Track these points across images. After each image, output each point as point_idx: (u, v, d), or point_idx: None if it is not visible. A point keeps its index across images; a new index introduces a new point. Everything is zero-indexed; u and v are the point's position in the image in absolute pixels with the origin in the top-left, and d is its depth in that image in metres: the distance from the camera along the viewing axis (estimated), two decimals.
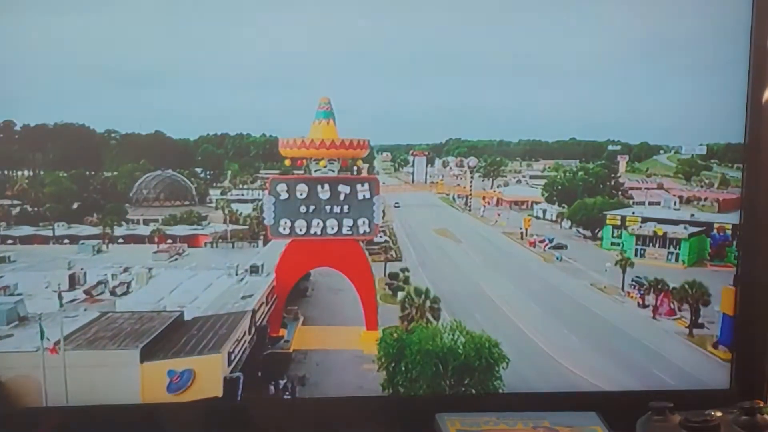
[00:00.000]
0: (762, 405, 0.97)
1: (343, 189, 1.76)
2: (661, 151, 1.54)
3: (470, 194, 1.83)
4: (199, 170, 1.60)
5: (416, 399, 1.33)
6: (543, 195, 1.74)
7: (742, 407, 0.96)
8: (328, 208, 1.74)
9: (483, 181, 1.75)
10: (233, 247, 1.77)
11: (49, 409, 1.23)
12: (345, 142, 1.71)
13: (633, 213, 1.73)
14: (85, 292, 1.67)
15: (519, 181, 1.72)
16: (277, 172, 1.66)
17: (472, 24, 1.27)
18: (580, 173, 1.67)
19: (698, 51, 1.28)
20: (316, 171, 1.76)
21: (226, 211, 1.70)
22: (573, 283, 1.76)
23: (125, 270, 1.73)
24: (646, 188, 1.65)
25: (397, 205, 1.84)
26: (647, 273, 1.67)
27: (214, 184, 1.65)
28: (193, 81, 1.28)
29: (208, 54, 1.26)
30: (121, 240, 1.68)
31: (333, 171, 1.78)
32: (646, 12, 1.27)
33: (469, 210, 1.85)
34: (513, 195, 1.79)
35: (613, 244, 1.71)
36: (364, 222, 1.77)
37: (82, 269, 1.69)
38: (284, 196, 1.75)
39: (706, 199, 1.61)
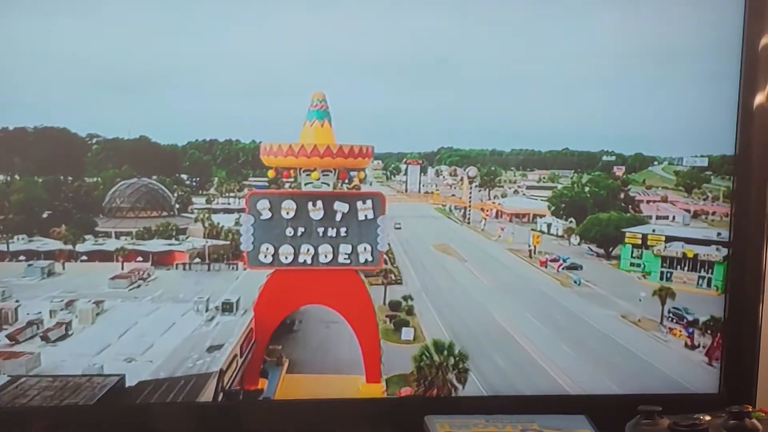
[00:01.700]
0: (750, 409, 1.06)
1: (341, 207, 1.62)
2: (655, 162, 1.61)
3: (469, 206, 1.82)
4: (184, 177, 1.58)
5: (406, 400, 1.42)
6: (549, 208, 1.73)
7: (730, 411, 1.05)
8: (320, 230, 1.60)
9: (479, 191, 1.76)
10: (209, 269, 1.64)
11: (38, 408, 1.30)
12: (344, 149, 1.58)
13: (654, 231, 1.71)
14: (9, 336, 1.49)
15: (516, 192, 1.74)
16: (266, 181, 1.59)
17: (464, 31, 1.38)
18: (589, 185, 1.67)
19: (692, 61, 1.40)
20: (306, 184, 1.62)
21: (207, 224, 1.62)
22: (599, 313, 1.68)
23: (68, 305, 1.55)
24: (648, 201, 1.68)
25: (397, 226, 1.74)
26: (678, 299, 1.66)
27: (201, 192, 1.62)
28: (183, 85, 1.36)
29: (197, 58, 1.35)
30: (84, 257, 1.56)
31: (328, 184, 1.63)
32: (638, 22, 1.39)
33: (468, 223, 1.83)
34: (514, 207, 1.78)
35: (632, 264, 1.70)
36: (365, 248, 1.64)
37: (17, 302, 1.51)
38: (266, 215, 1.60)
39: (714, 213, 1.65)
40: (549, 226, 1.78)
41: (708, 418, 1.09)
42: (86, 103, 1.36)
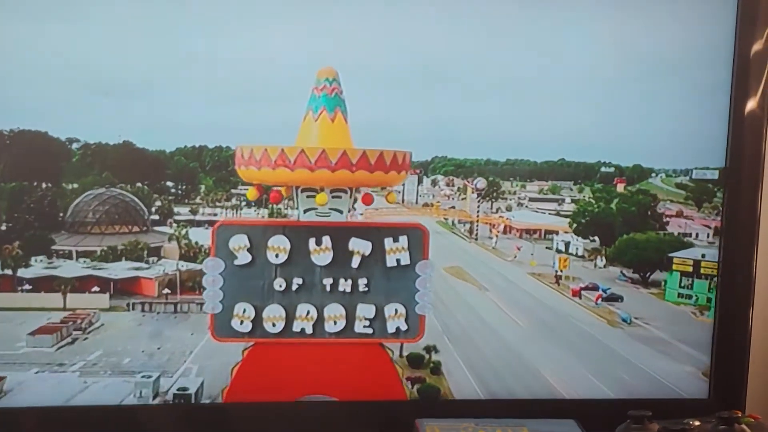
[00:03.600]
0: (740, 415, 1.14)
1: (360, 246, 1.32)
2: (653, 174, 1.67)
3: (477, 220, 1.78)
4: (170, 185, 1.52)
5: (396, 404, 1.44)
6: (571, 225, 1.70)
7: (720, 417, 1.14)
8: (328, 282, 1.32)
9: (480, 204, 1.76)
10: (176, 310, 1.41)
11: (29, 409, 1.35)
12: (368, 157, 1.25)
13: (703, 256, 1.66)
14: None
15: (520, 204, 1.75)
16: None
17: (460, 40, 1.46)
18: (616, 200, 1.67)
19: (687, 72, 1.53)
20: (307, 211, 1.32)
21: (183, 243, 1.45)
22: (671, 368, 1.58)
23: None
24: (667, 216, 1.72)
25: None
26: None
27: (186, 200, 1.52)
28: (173, 89, 1.40)
29: (189, 60, 1.39)
30: (28, 286, 1.37)
31: (340, 212, 1.33)
32: (633, 32, 1.51)
33: (476, 239, 1.76)
34: (525, 222, 1.77)
35: (681, 296, 1.67)
36: (397, 311, 1.36)
37: None
38: (244, 258, 1.30)
39: None
40: (567, 244, 1.73)
41: (697, 423, 1.17)
42: (70, 106, 1.36)
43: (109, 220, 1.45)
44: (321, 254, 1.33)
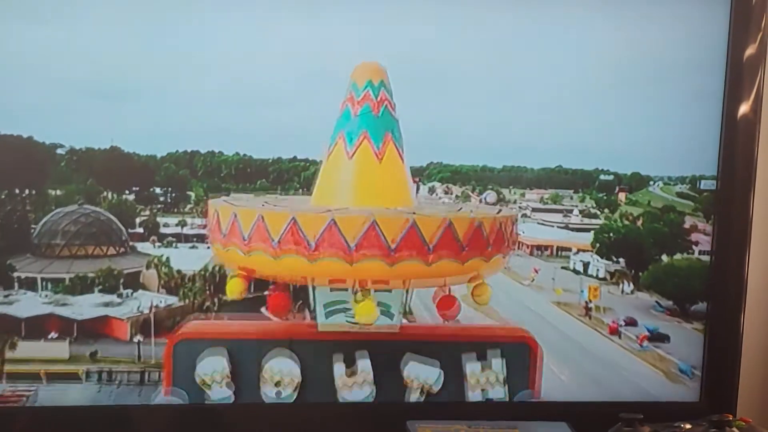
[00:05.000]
0: (731, 418, 1.19)
1: (420, 372, 1.02)
2: (651, 182, 1.66)
3: None
4: (158, 192, 1.47)
5: (387, 406, 1.43)
6: (594, 244, 1.61)
7: (711, 420, 1.18)
8: None
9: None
10: (142, 381, 1.24)
11: (25, 409, 1.39)
12: (456, 232, 0.93)
13: None
14: None
15: (525, 216, 1.68)
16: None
17: (454, 45, 1.49)
18: (643, 217, 1.61)
19: (683, 79, 1.57)
20: (331, 313, 0.95)
21: (163, 272, 1.30)
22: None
23: None
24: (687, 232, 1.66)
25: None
26: None
27: (174, 210, 1.44)
28: (164, 91, 1.41)
29: (181, 61, 1.40)
30: None
31: (390, 314, 0.94)
32: (629, 39, 1.54)
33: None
34: (538, 238, 1.67)
35: None
36: None
37: None
38: (219, 394, 1.01)
39: None
40: (586, 265, 1.62)
41: (688, 426, 1.21)
42: (56, 109, 1.37)
43: (81, 241, 1.36)
44: (355, 388, 0.93)
